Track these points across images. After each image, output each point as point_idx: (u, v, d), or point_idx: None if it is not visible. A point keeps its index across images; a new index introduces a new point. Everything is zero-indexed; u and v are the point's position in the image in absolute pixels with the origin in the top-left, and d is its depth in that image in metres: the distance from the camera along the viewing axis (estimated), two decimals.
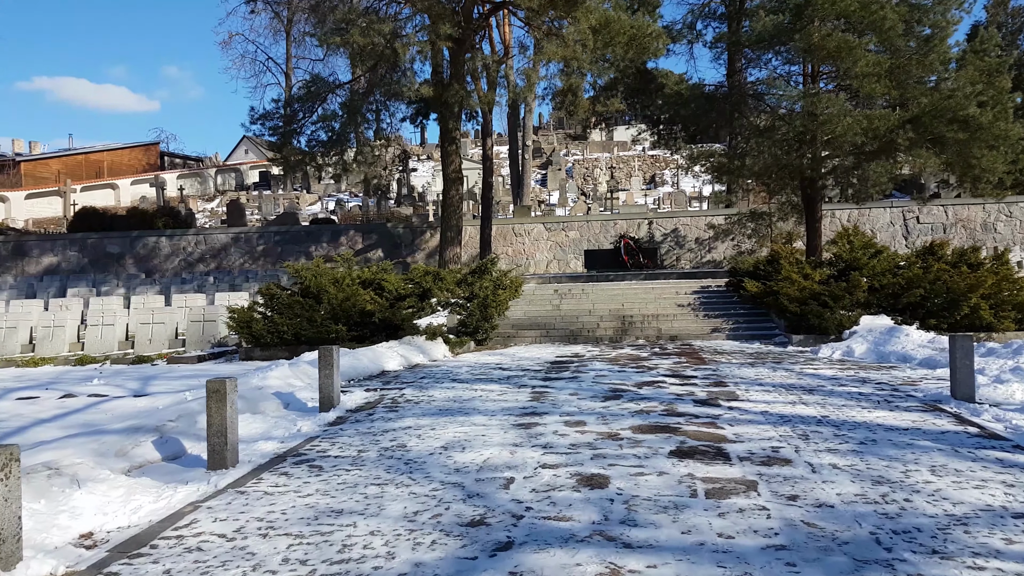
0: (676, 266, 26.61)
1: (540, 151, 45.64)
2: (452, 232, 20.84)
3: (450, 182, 20.74)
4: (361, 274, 15.80)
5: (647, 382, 9.53)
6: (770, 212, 23.89)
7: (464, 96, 17.18)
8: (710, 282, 17.96)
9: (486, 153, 23.97)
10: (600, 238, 26.92)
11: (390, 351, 12.09)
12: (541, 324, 15.88)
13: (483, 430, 7.01)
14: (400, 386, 9.87)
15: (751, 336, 14.39)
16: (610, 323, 15.72)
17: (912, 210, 26.01)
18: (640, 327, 15.38)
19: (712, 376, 9.96)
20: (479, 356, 13.19)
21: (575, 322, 15.88)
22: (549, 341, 15.17)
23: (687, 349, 13.15)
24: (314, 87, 19.95)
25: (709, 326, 15.05)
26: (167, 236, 29.54)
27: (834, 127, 16.15)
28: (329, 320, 13.77)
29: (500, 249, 27.32)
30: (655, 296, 16.95)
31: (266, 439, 7.12)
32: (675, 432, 6.70)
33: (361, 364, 10.99)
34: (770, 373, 10.13)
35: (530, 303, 17.07)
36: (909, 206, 26.12)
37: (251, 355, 14.12)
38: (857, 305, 13.34)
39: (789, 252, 15.04)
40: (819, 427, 6.84)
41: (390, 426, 7.36)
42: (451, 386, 9.68)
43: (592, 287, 18.18)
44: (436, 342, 13.33)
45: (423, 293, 15.97)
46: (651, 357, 12.17)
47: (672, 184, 40.21)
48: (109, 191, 44.10)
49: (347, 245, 28.02)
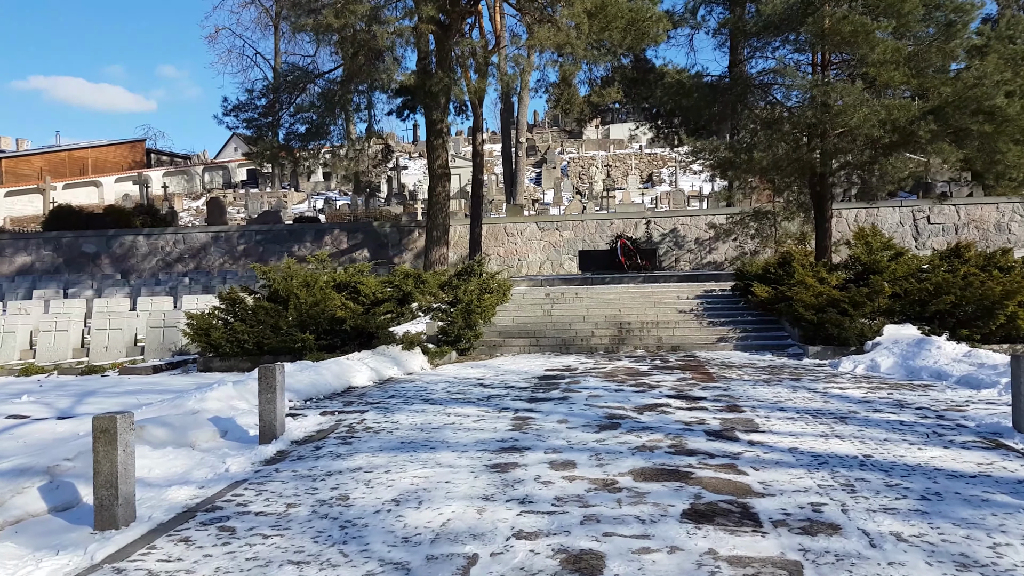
0: (675, 268, 25.26)
1: (535, 149, 44.28)
2: (438, 231, 19.47)
3: (436, 178, 19.36)
4: (336, 276, 14.42)
5: (648, 405, 8.15)
6: (774, 211, 22.57)
7: (449, 84, 15.78)
8: (714, 286, 16.58)
9: (476, 149, 22.61)
10: (596, 238, 25.56)
11: (359, 364, 10.70)
12: (531, 332, 14.51)
13: (449, 473, 5.64)
14: (363, 408, 8.49)
15: (761, 346, 13.03)
16: (606, 331, 14.35)
17: (922, 210, 24.70)
18: (639, 336, 14.01)
19: (724, 398, 8.59)
20: (460, 369, 11.80)
21: (568, 330, 14.51)
22: (539, 351, 13.79)
23: (692, 362, 11.77)
24: (292, 76, 18.54)
25: (714, 335, 13.68)
26: (144, 235, 28.12)
27: (849, 118, 14.80)
28: (296, 328, 12.38)
29: (491, 249, 25.96)
30: (655, 301, 15.58)
31: (182, 483, 5.74)
32: (687, 479, 5.34)
33: (323, 380, 9.61)
34: (790, 394, 8.76)
35: (519, 308, 15.69)
36: (919, 206, 24.81)
37: (210, 366, 12.73)
38: (879, 313, 11.99)
39: (802, 254, 13.69)
40: (864, 472, 5.48)
41: (337, 466, 5.99)
42: (421, 408, 8.30)
43: (587, 291, 16.82)
44: (413, 352, 11.94)
45: (403, 297, 14.59)
46: (652, 371, 10.79)
47: (670, 183, 38.88)
48: (93, 189, 42.65)
49: (332, 245, 26.63)
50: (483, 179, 23.27)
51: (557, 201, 35.28)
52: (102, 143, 47.02)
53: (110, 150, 46.31)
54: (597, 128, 45.24)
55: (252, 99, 18.71)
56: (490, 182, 39.49)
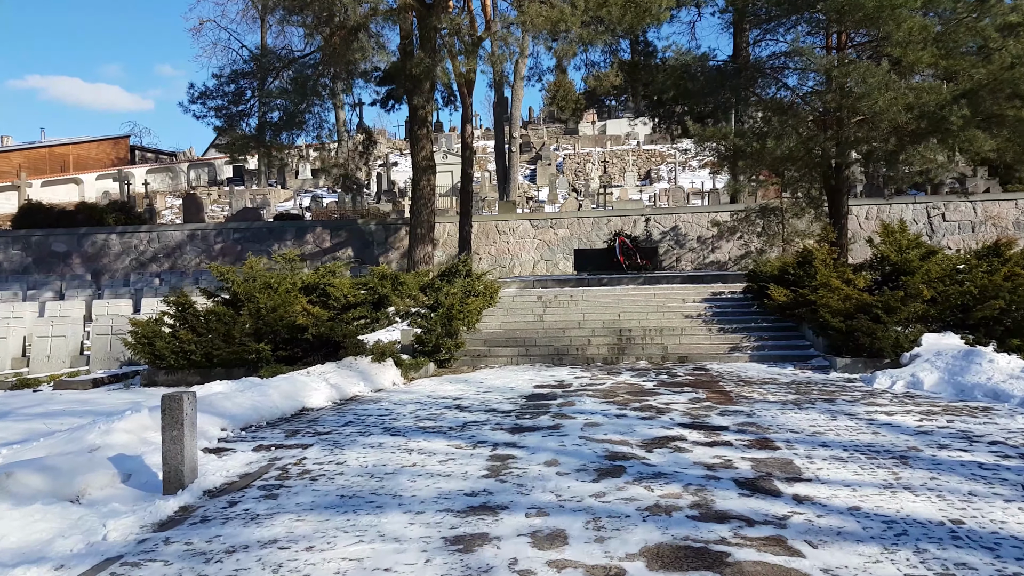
0: (676, 267, 23.72)
1: (529, 145, 42.70)
2: (423, 228, 17.90)
3: (421, 171, 17.78)
4: (304, 278, 12.84)
5: (658, 439, 6.59)
6: (782, 208, 21.05)
7: (431, 66, 14.19)
8: (722, 287, 15.01)
9: (465, 141, 21.04)
10: (592, 236, 24.01)
11: (318, 380, 9.13)
12: (520, 339, 12.92)
13: (392, 552, 4.07)
14: (308, 440, 6.92)
15: (780, 358, 11.45)
16: (604, 338, 12.78)
17: (937, 206, 23.17)
18: (641, 344, 12.43)
19: (749, 427, 7.03)
20: (437, 384, 10.21)
21: (561, 337, 12.93)
22: (528, 362, 12.20)
23: (703, 377, 10.20)
24: (263, 60, 16.94)
25: (726, 343, 12.11)
26: (117, 233, 26.48)
27: (872, 102, 13.27)
28: (251, 337, 10.78)
29: (482, 248, 24.40)
30: (657, 304, 14.01)
31: (33, 562, 4.18)
32: (722, 566, 3.78)
33: (268, 402, 8.03)
34: (828, 421, 7.20)
35: (508, 312, 14.11)
36: (934, 202, 23.28)
37: (155, 380, 11.13)
38: (914, 319, 10.45)
39: (826, 252, 12.12)
40: (962, 551, 3.93)
41: (246, 536, 4.42)
42: (379, 442, 6.73)
43: (583, 293, 15.25)
44: (384, 365, 10.36)
45: (378, 301, 13.02)
46: (658, 389, 9.22)
47: (669, 180, 37.34)
48: (73, 186, 40.97)
49: (314, 243, 25.04)
50: (472, 173, 21.72)
51: (552, 199, 33.72)
52: (84, 139, 45.33)
53: (92, 147, 44.62)
54: (593, 124, 43.68)
55: (220, 85, 17.11)
56: (483, 179, 37.91)
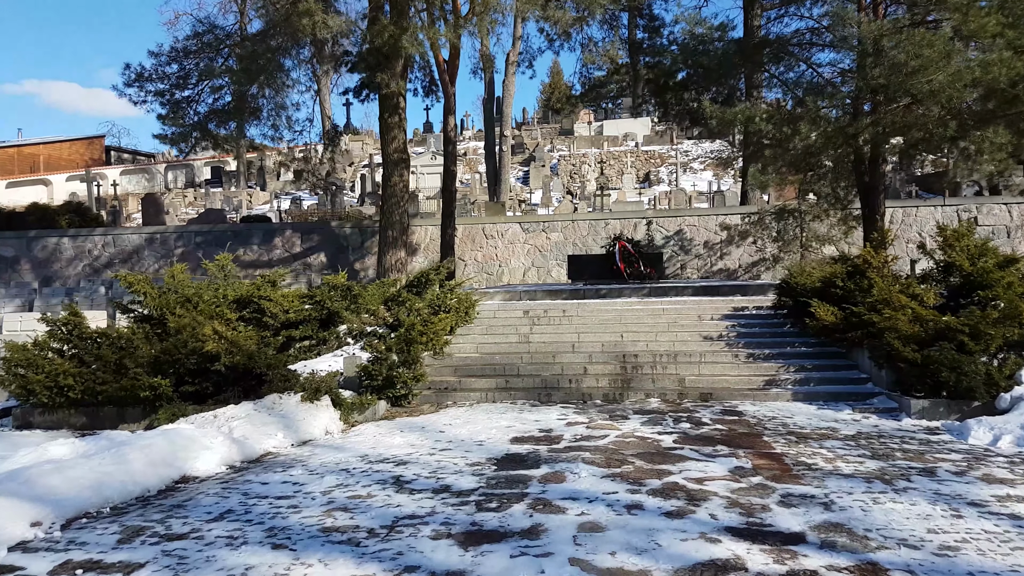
0: (681, 275, 21.22)
1: (522, 146, 40.24)
2: (395, 231, 15.37)
3: (392, 165, 15.26)
4: (237, 290, 10.31)
5: (700, 567, 4.04)
6: (800, 209, 18.59)
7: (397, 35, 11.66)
8: (743, 301, 12.46)
9: (448, 135, 18.56)
10: (588, 241, 21.51)
11: (215, 432, 6.57)
12: (500, 367, 10.31)
13: None
14: (145, 551, 4.31)
15: (832, 395, 8.86)
16: (604, 366, 10.20)
17: (968, 209, 20.72)
18: (651, 374, 9.85)
19: (836, 534, 4.47)
20: (382, 435, 7.61)
21: (551, 364, 10.35)
22: (508, 397, 9.58)
23: (739, 426, 7.61)
24: (208, 36, 14.42)
25: (759, 375, 9.54)
26: (70, 236, 23.90)
27: (929, 79, 10.80)
28: (149, 368, 8.21)
29: (467, 254, 21.89)
30: (668, 322, 11.47)
31: None
32: None
33: (125, 472, 5.46)
34: (950, 517, 4.63)
35: (487, 331, 11.54)
36: (965, 204, 20.86)
37: (30, 420, 8.55)
38: (1009, 347, 7.96)
39: (881, 260, 9.61)
40: None
41: None
42: (248, 562, 4.15)
43: (578, 307, 12.73)
44: (318, 406, 7.81)
45: (327, 318, 10.47)
46: (681, 448, 6.67)
47: (669, 182, 34.88)
48: (41, 187, 38.42)
49: (283, 248, 22.50)
50: (456, 171, 19.24)
51: (546, 202, 31.23)
52: (56, 139, 42.75)
53: (64, 147, 42.04)
54: (589, 124, 41.24)
55: (159, 65, 14.58)
56: (473, 181, 35.45)
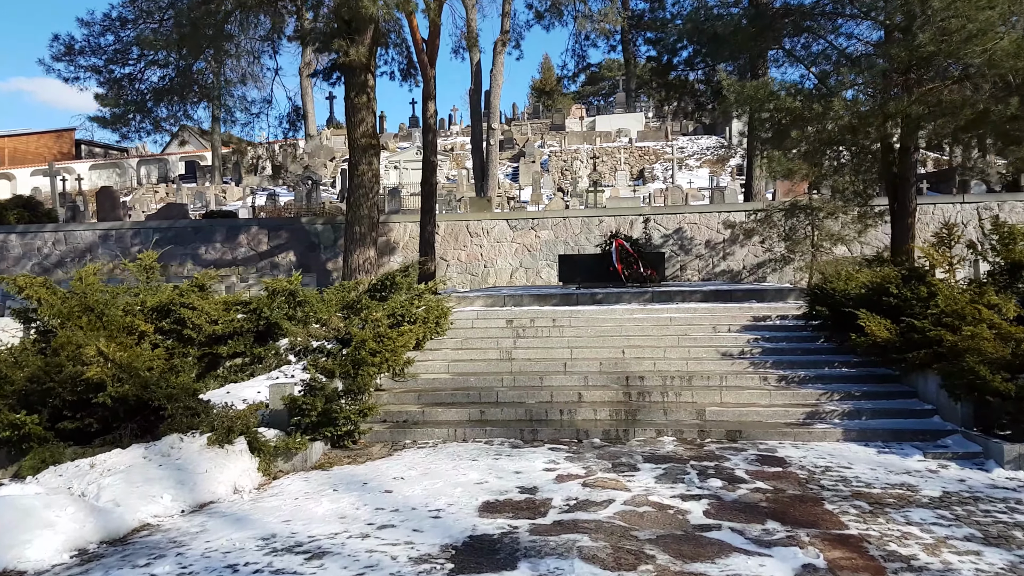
0: (681, 277, 19.40)
1: (512, 142, 38.34)
2: (363, 226, 13.43)
3: (360, 152, 13.31)
4: (159, 296, 8.36)
5: None
6: (811, 205, 16.77)
7: None
8: (763, 309, 10.53)
9: (427, 123, 16.64)
10: (581, 240, 19.65)
11: (64, 500, 4.63)
12: (475, 393, 8.29)
13: None
14: None
15: (892, 433, 6.84)
16: (603, 392, 8.21)
17: (989, 206, 19.00)
18: (661, 404, 7.86)
19: None
20: (305, 499, 5.60)
21: (538, 389, 8.35)
22: (483, 434, 7.44)
23: (787, 487, 5.62)
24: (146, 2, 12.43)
25: (797, 405, 7.56)
26: (18, 233, 21.82)
27: (986, 44, 8.98)
28: (16, 400, 6.25)
29: (450, 253, 19.98)
30: (678, 334, 9.55)
31: None
32: None
33: None
34: None
35: (463, 345, 9.60)
36: (985, 202, 19.13)
37: None
38: None
39: (946, 261, 7.76)
40: None
41: None
42: None
43: (570, 314, 10.82)
44: (230, 453, 5.87)
45: (266, 330, 8.53)
46: (719, 529, 4.73)
47: (665, 179, 33.10)
48: (4, 182, 36.29)
49: (248, 246, 20.50)
50: (436, 163, 17.31)
51: (536, 199, 29.34)
52: (23, 132, 40.49)
53: (32, 140, 39.80)
54: (581, 120, 39.40)
55: (92, 36, 12.58)
56: (460, 177, 33.53)
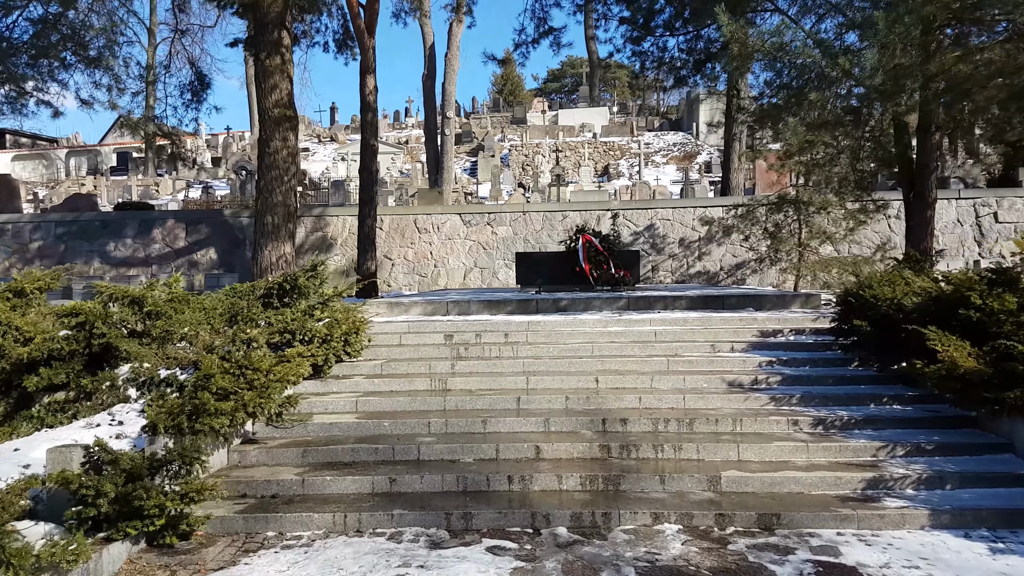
0: (653, 278, 17.25)
1: (471, 135, 35.97)
2: (276, 216, 10.88)
3: (272, 125, 10.76)
4: None
5: None
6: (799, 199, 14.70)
7: None
8: (770, 321, 8.21)
9: (366, 100, 14.17)
10: (543, 236, 17.38)
11: None
12: (388, 447, 5.42)
13: None
14: None
15: (999, 513, 4.32)
16: (571, 444, 5.46)
17: (988, 203, 17.26)
18: (655, 462, 5.24)
19: None
20: None
21: (479, 439, 5.62)
22: (389, 523, 4.50)
23: None
24: None
25: (848, 465, 4.99)
26: None
27: None
28: None
29: (395, 251, 17.53)
30: (666, 354, 7.14)
31: None
32: None
33: None
34: None
35: (382, 371, 7.08)
36: (984, 198, 17.38)
37: None
38: None
39: None
40: None
41: None
42: None
43: (528, 326, 8.45)
44: None
45: (101, 352, 6.01)
46: None
47: (630, 176, 31.04)
48: None
49: (163, 242, 17.74)
50: (377, 147, 14.83)
51: (495, 194, 27.03)
52: None
53: None
54: (544, 114, 37.19)
55: None
56: (414, 171, 31.05)
